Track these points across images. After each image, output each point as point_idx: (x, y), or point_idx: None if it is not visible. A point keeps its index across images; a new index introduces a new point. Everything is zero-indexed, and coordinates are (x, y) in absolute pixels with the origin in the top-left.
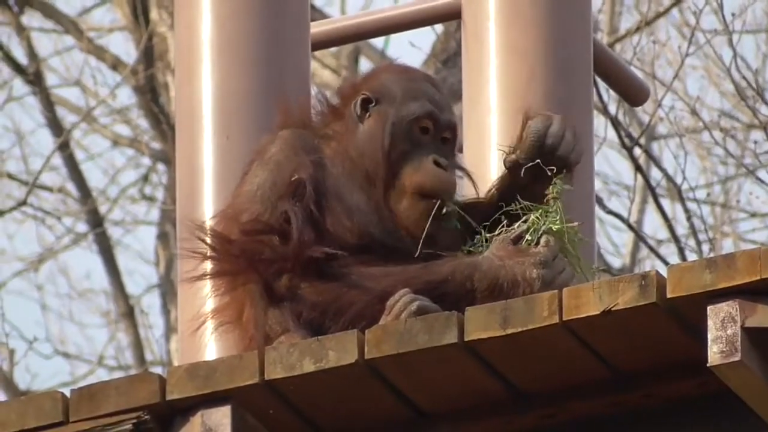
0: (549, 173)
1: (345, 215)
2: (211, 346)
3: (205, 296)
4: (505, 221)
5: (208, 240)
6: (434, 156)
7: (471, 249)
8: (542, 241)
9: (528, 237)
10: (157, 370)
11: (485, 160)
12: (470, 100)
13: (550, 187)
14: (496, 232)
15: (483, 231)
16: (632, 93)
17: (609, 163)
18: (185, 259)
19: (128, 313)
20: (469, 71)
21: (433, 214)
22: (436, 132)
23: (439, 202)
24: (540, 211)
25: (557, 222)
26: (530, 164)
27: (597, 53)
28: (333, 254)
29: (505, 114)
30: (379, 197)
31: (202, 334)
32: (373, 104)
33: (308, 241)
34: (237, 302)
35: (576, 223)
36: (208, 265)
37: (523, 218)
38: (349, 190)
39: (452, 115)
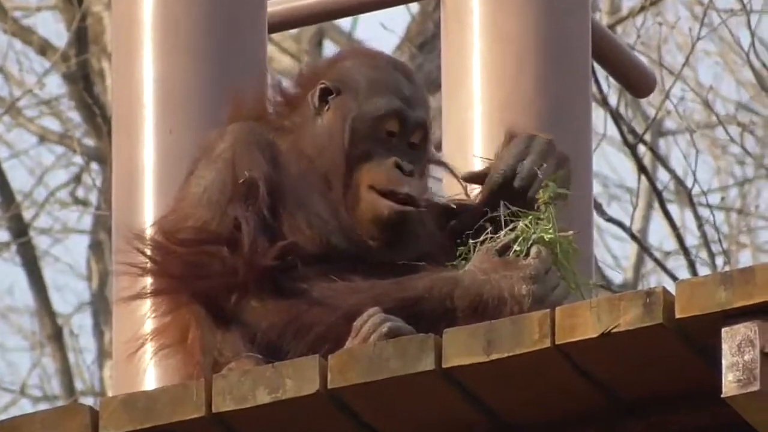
0: (541, 177)
1: (304, 222)
2: (150, 373)
3: (143, 316)
4: (490, 229)
5: (148, 251)
6: (396, 159)
7: (452, 263)
8: (532, 252)
9: (516, 247)
10: (89, 401)
11: (466, 157)
12: (450, 90)
13: (541, 191)
14: (480, 242)
15: (466, 240)
16: (636, 82)
17: (609, 162)
18: (121, 274)
19: (56, 335)
20: (448, 58)
21: (389, 216)
22: (403, 135)
23: (396, 205)
24: (530, 218)
25: (549, 231)
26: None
27: (596, 37)
28: (291, 267)
29: (489, 107)
30: (338, 201)
31: (141, 359)
32: (333, 95)
33: (262, 251)
34: (180, 323)
35: (571, 233)
36: (148, 281)
37: (511, 226)
38: (307, 192)
39: (424, 113)
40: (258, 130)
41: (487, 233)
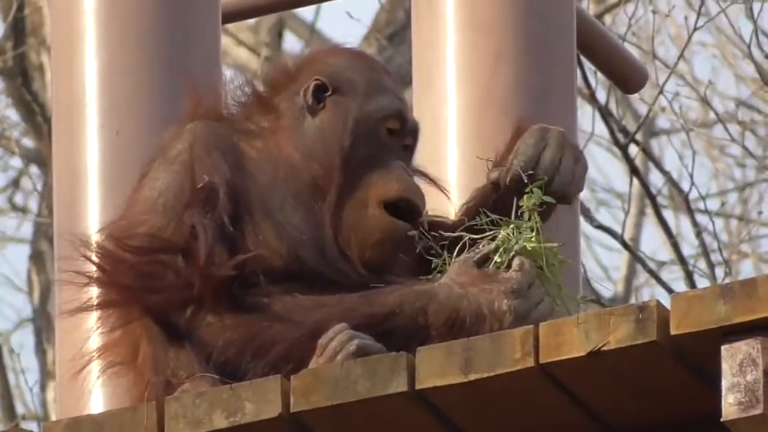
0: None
1: (272, 233)
2: (97, 395)
3: (90, 330)
4: (468, 238)
5: (95, 259)
6: (401, 164)
7: (427, 277)
8: (514, 263)
9: (497, 258)
10: (31, 426)
11: (440, 159)
12: (422, 86)
13: (525, 197)
14: (457, 252)
15: (442, 252)
16: (626, 77)
17: (597, 164)
18: (65, 284)
19: None
20: (420, 50)
21: (401, 238)
22: (401, 136)
23: (411, 228)
24: (512, 226)
25: (533, 240)
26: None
27: (581, 27)
28: (252, 280)
29: (464, 104)
30: (327, 211)
31: (87, 378)
32: (329, 93)
33: (220, 263)
34: (130, 338)
35: (556, 244)
36: (94, 291)
37: (491, 234)
38: (280, 201)
39: (415, 118)
40: (220, 131)
41: (464, 243)
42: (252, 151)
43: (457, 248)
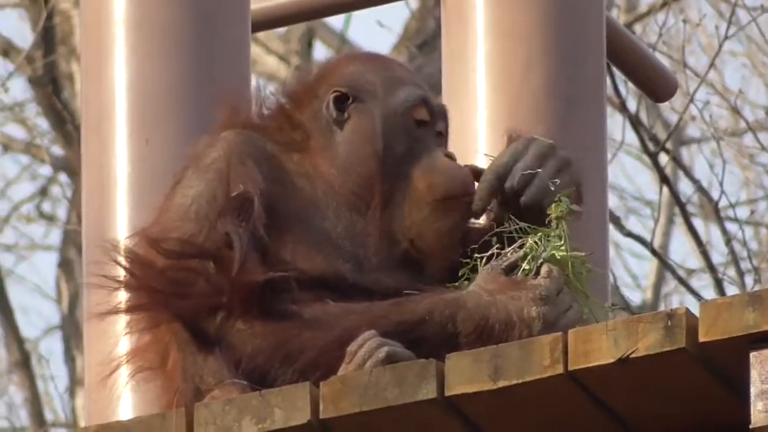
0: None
1: (310, 245)
2: (125, 400)
3: (118, 336)
4: (497, 246)
5: (125, 264)
6: (442, 150)
7: (454, 284)
8: (543, 270)
9: (525, 266)
10: None
11: None
12: (452, 94)
13: (553, 205)
14: (484, 260)
15: (470, 258)
16: (656, 86)
17: (627, 173)
18: (94, 289)
19: (23, 361)
20: (450, 59)
21: (460, 221)
22: (432, 123)
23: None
24: (540, 234)
25: (561, 248)
26: (491, 209)
27: (611, 36)
28: (281, 287)
29: (494, 113)
30: (372, 221)
31: (115, 383)
32: (350, 101)
33: (252, 270)
34: (159, 344)
35: (584, 253)
36: (124, 296)
37: (519, 242)
38: (320, 215)
39: (442, 102)
40: (254, 141)
41: (493, 251)
42: (288, 163)
43: (485, 256)
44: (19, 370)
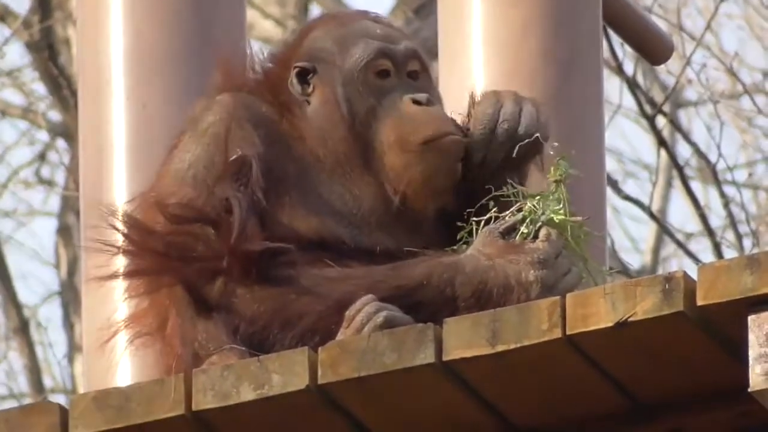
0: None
1: (308, 208)
2: (124, 366)
3: (117, 300)
4: (494, 209)
5: (123, 229)
6: (410, 96)
7: (453, 247)
8: (541, 234)
9: (523, 229)
10: (59, 399)
11: None
12: (448, 58)
13: (552, 169)
14: (482, 224)
15: (467, 221)
16: (652, 48)
17: (625, 136)
18: (92, 253)
19: (21, 327)
20: (446, 22)
21: (445, 153)
22: (399, 69)
23: (447, 138)
24: (538, 197)
25: (560, 212)
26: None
27: None
28: (280, 252)
29: (491, 76)
30: (359, 182)
31: (113, 349)
32: (311, 75)
33: (251, 236)
34: (158, 309)
35: (582, 218)
36: (123, 261)
37: (517, 206)
38: (314, 178)
39: (409, 42)
40: (251, 103)
41: (491, 214)
42: (282, 125)
43: (483, 219)
44: (18, 337)
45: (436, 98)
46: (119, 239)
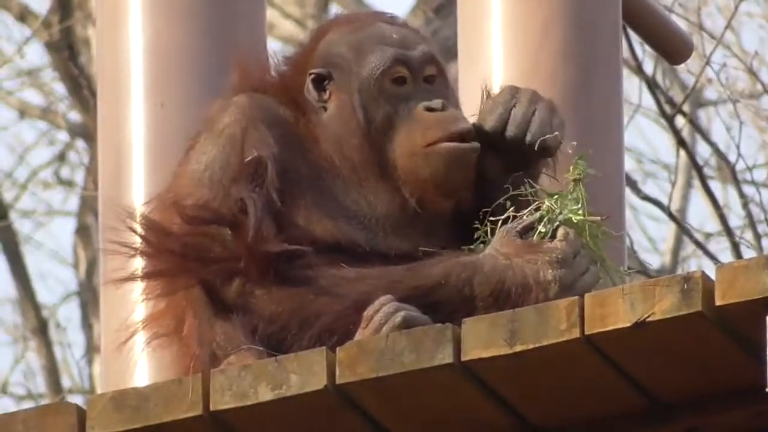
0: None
1: (323, 211)
2: (142, 367)
3: (135, 301)
4: (512, 208)
5: (141, 231)
6: (422, 104)
7: (470, 246)
8: (559, 233)
9: (541, 228)
10: (77, 400)
11: None
12: (467, 58)
13: (571, 168)
14: (500, 223)
15: (484, 220)
16: (672, 48)
17: (644, 136)
18: (110, 255)
19: (40, 328)
20: (465, 22)
21: (453, 158)
22: (415, 75)
23: (454, 144)
24: (556, 197)
25: (578, 211)
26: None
27: None
28: (297, 253)
29: (511, 76)
30: (374, 188)
31: (131, 350)
32: (327, 81)
33: (267, 236)
34: (175, 310)
35: (600, 217)
36: (140, 263)
37: (535, 205)
38: (329, 182)
39: (425, 46)
40: (266, 104)
41: (509, 213)
42: (298, 127)
43: (501, 219)
44: (37, 337)
45: (453, 101)
46: (137, 241)
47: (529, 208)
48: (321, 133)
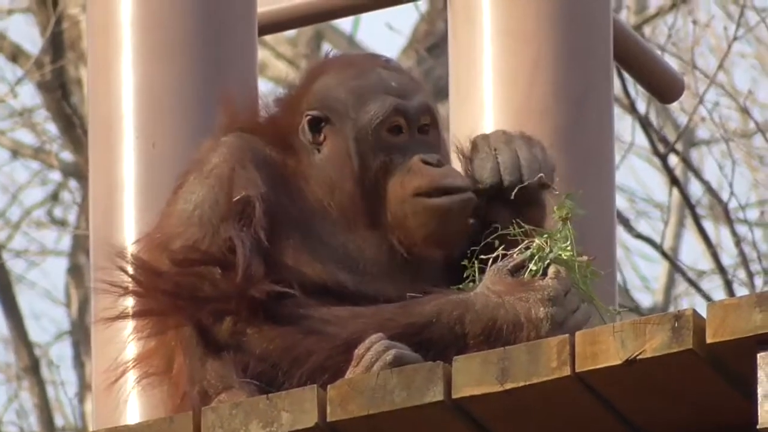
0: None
1: (311, 253)
2: (133, 405)
3: (125, 340)
4: (501, 247)
5: (131, 270)
6: (419, 156)
7: (458, 286)
8: (550, 271)
9: (532, 266)
10: None
11: None
12: (459, 96)
13: (556, 208)
14: (490, 262)
15: (472, 259)
16: (663, 86)
17: (636, 175)
18: (101, 294)
19: (33, 367)
20: (457, 60)
21: (447, 212)
22: (411, 125)
23: (449, 198)
24: (545, 236)
25: (567, 249)
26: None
27: (619, 37)
28: (287, 294)
29: (502, 114)
30: (363, 235)
31: (122, 388)
32: (324, 124)
33: (257, 276)
34: (165, 350)
35: (586, 258)
36: (131, 302)
37: (524, 244)
38: (317, 224)
39: (422, 96)
40: (255, 145)
41: (498, 252)
42: (287, 168)
43: (491, 257)
44: (29, 376)
45: (444, 151)
46: (127, 280)
47: (519, 247)
48: (312, 175)
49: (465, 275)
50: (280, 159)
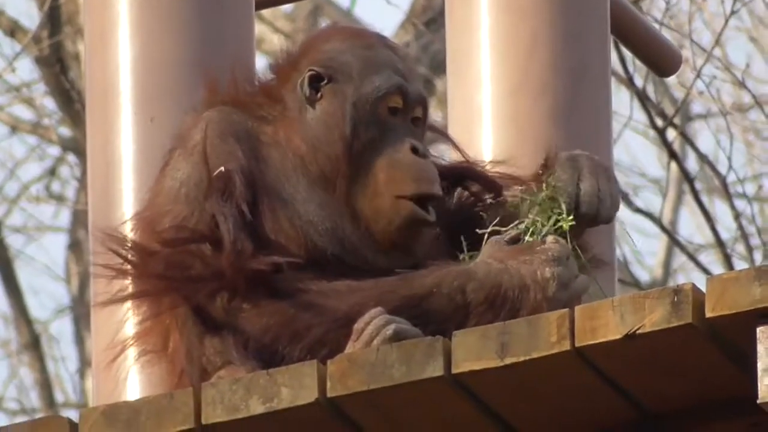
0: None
1: (288, 221)
2: (133, 382)
3: (123, 319)
4: (493, 223)
5: (124, 252)
6: (410, 141)
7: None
8: (549, 238)
9: (528, 238)
10: (71, 414)
11: (474, 145)
12: (456, 71)
13: (544, 186)
14: (486, 237)
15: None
16: (660, 60)
17: (632, 150)
18: (98, 277)
19: (33, 343)
20: (454, 35)
21: (420, 220)
22: (407, 111)
23: (424, 214)
24: (537, 209)
25: (568, 219)
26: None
27: (615, 11)
28: (281, 265)
29: (499, 89)
30: (339, 201)
31: (122, 365)
32: (325, 82)
33: (245, 250)
34: (161, 328)
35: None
36: (126, 283)
37: (517, 221)
38: (293, 191)
39: (421, 88)
40: (235, 118)
41: (492, 227)
42: (262, 136)
43: (486, 232)
44: (30, 352)
45: (427, 150)
46: (121, 262)
47: (513, 224)
48: (300, 131)
49: (461, 257)
50: (257, 126)
